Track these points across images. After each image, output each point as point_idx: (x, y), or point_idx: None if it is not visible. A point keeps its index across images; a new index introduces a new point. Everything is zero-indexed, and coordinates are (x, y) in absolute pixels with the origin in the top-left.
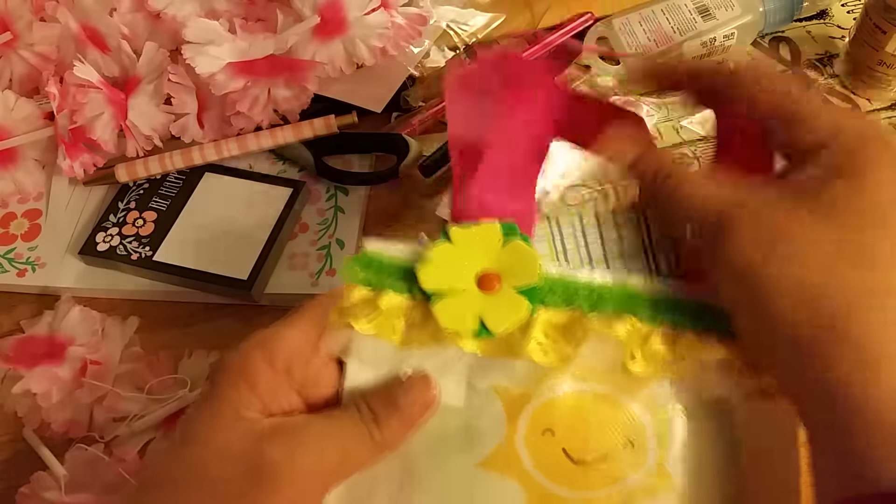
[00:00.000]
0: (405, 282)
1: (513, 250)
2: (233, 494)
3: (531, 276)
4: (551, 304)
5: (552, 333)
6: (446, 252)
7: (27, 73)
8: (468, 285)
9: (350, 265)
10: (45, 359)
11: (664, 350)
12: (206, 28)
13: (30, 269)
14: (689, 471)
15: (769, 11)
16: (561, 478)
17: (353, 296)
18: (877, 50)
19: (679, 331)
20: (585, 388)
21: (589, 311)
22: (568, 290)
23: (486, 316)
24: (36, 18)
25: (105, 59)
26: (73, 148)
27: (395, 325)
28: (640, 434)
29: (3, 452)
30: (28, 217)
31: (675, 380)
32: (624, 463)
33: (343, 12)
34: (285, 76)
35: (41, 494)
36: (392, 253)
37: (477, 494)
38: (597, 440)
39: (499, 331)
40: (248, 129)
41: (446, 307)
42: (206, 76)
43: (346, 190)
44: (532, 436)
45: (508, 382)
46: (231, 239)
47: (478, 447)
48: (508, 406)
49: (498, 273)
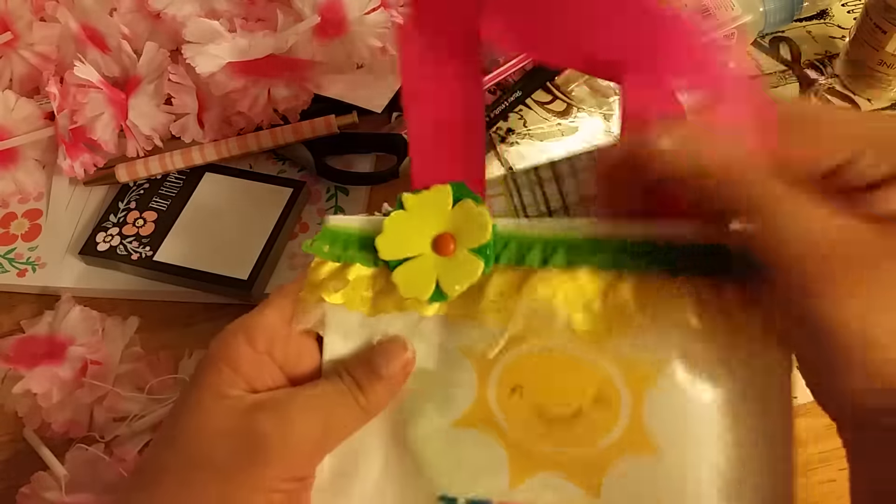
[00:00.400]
0: (369, 253)
1: (463, 210)
2: (228, 471)
3: (483, 235)
4: (506, 260)
5: (507, 291)
6: (401, 220)
7: (27, 73)
8: (425, 250)
9: (315, 241)
10: (45, 359)
11: (630, 300)
12: (206, 28)
13: (30, 269)
14: (670, 432)
15: (769, 11)
16: (535, 434)
17: (321, 271)
18: (877, 50)
19: (650, 277)
20: (549, 345)
21: (540, 265)
22: (521, 245)
23: (441, 279)
24: (36, 18)
25: (105, 59)
26: (74, 148)
27: (363, 295)
28: (610, 390)
29: (3, 452)
30: (28, 217)
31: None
32: (596, 420)
33: (343, 12)
34: (285, 76)
35: (41, 494)
36: (354, 225)
37: (459, 452)
38: (564, 397)
39: (452, 293)
40: (248, 129)
41: (405, 273)
42: (206, 76)
43: (346, 190)
44: (502, 394)
45: (474, 343)
46: (231, 239)
47: (452, 408)
48: (478, 366)
49: (452, 234)
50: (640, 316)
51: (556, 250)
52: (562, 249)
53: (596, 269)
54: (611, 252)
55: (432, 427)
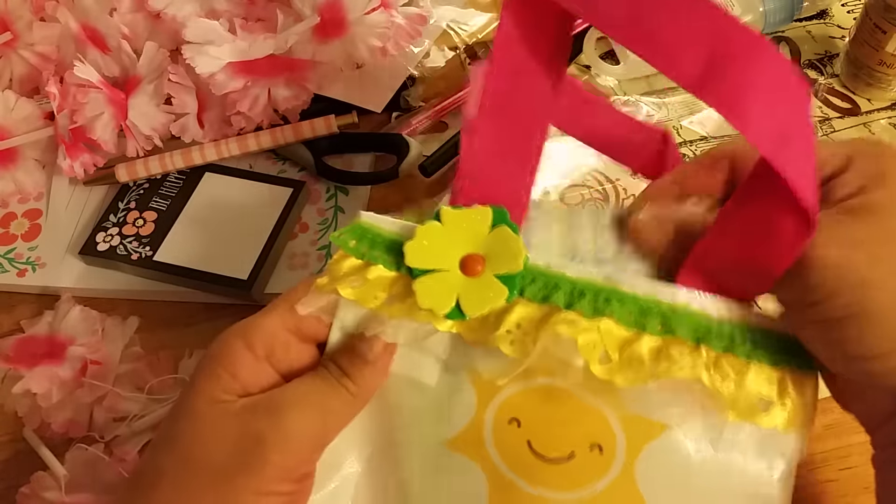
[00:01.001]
0: (394, 257)
1: (499, 236)
2: (225, 474)
3: (514, 264)
4: (530, 296)
5: (524, 325)
6: (435, 231)
7: (27, 73)
8: (451, 266)
9: (343, 235)
10: (45, 359)
11: (646, 357)
12: (206, 28)
13: (30, 269)
14: (661, 492)
15: (769, 11)
16: (522, 470)
17: (343, 265)
18: (877, 50)
19: (671, 340)
20: (559, 385)
21: (565, 307)
22: (548, 283)
23: (463, 298)
24: (36, 18)
25: (105, 59)
26: (74, 148)
27: (377, 295)
28: (608, 440)
29: (3, 452)
30: (28, 217)
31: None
32: (588, 467)
33: (343, 12)
34: (285, 76)
35: (41, 494)
36: (385, 227)
37: (443, 473)
38: (562, 438)
39: (472, 314)
40: (249, 129)
41: (426, 284)
42: (206, 76)
43: (346, 190)
44: (499, 424)
45: (481, 368)
46: (231, 239)
47: (447, 426)
48: (480, 391)
49: (482, 257)
50: (653, 376)
51: (583, 295)
52: (589, 295)
53: (619, 322)
54: (637, 309)
55: (425, 443)
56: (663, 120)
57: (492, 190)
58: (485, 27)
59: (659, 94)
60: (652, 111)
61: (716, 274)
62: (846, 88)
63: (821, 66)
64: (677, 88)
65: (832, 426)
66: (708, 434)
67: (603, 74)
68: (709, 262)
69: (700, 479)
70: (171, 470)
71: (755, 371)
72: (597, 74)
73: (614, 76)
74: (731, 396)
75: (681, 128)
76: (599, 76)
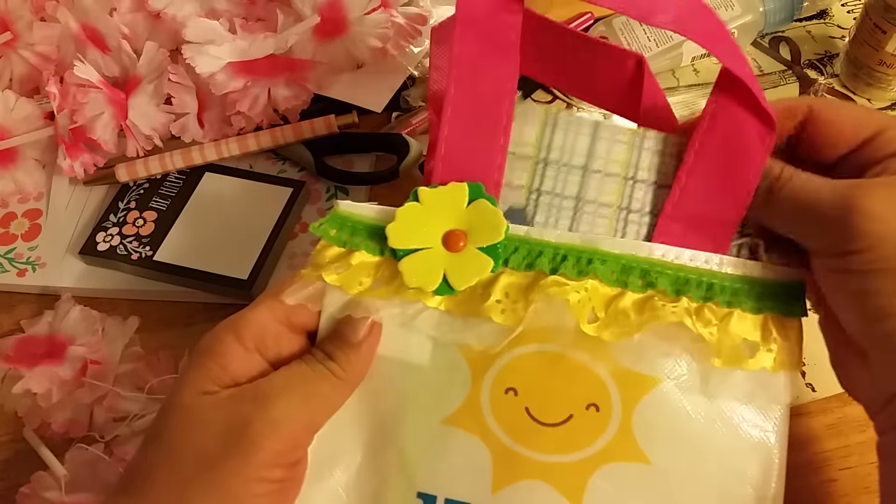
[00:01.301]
0: (376, 242)
1: (477, 209)
2: (215, 461)
3: (495, 235)
4: (514, 265)
5: (512, 293)
6: (414, 212)
7: (27, 73)
8: (434, 244)
9: (323, 224)
10: (45, 359)
11: (630, 311)
12: (206, 28)
13: (30, 269)
14: (660, 443)
15: (769, 11)
16: (523, 437)
17: (326, 254)
18: (877, 50)
19: (653, 293)
20: (550, 349)
21: (550, 272)
22: (532, 251)
23: (450, 273)
24: (36, 18)
25: (105, 58)
26: (74, 148)
27: (362, 280)
28: (603, 398)
29: (3, 452)
30: (28, 217)
31: (644, 344)
32: (587, 427)
33: (343, 12)
34: (285, 76)
35: (41, 494)
36: (365, 213)
37: (443, 450)
38: (559, 401)
39: (460, 288)
40: (249, 128)
41: (412, 263)
42: (206, 76)
43: (346, 190)
44: (496, 395)
45: (473, 341)
46: (231, 239)
47: (443, 404)
48: (473, 364)
49: (464, 232)
50: (639, 328)
51: (566, 259)
52: (571, 258)
53: (603, 281)
54: (619, 267)
55: (421, 422)
56: None
57: (465, 168)
58: None
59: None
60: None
61: (692, 216)
62: (846, 88)
63: (821, 66)
64: (677, 88)
65: (832, 426)
66: (699, 383)
67: None
68: (685, 204)
69: (697, 429)
70: (161, 462)
71: (737, 317)
72: None
73: None
74: (715, 342)
75: None
76: None
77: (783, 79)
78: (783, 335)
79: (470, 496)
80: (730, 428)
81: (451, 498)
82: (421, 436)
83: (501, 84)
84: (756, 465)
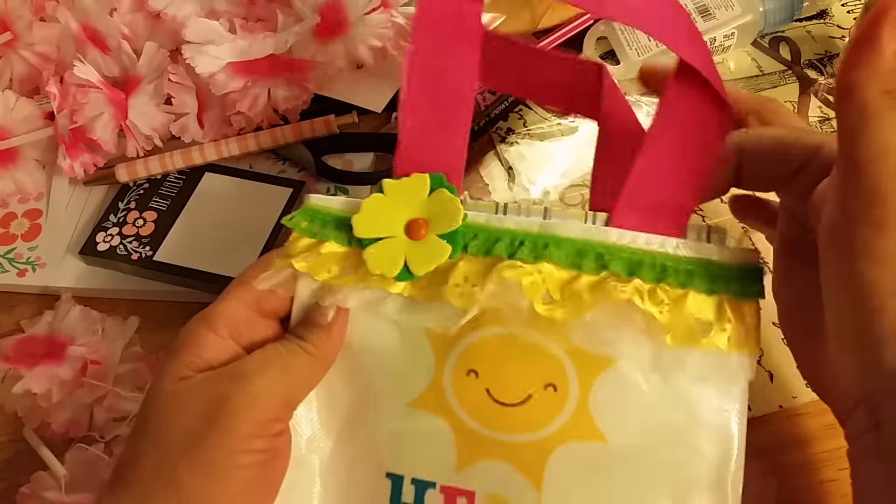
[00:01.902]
0: (344, 233)
1: (438, 198)
2: (196, 438)
3: (453, 222)
4: (474, 251)
5: (471, 278)
6: (379, 203)
7: (27, 73)
8: (397, 232)
9: (295, 217)
10: (45, 359)
11: (584, 293)
12: (206, 28)
13: (30, 269)
14: (617, 421)
15: (769, 11)
16: (484, 418)
17: (298, 245)
18: None
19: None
20: (508, 331)
21: (508, 257)
22: (490, 237)
23: (410, 259)
24: (36, 18)
25: (105, 59)
26: (74, 148)
27: (330, 269)
28: (560, 378)
29: (3, 452)
30: (28, 217)
31: (598, 324)
32: (545, 407)
33: (343, 12)
34: (285, 76)
35: (41, 494)
36: (334, 206)
37: (410, 432)
38: (517, 382)
39: (419, 273)
40: (248, 128)
41: (375, 251)
42: (206, 76)
43: (346, 190)
44: (458, 377)
45: (435, 325)
46: (231, 239)
47: (410, 387)
48: (436, 348)
49: (426, 220)
50: (591, 307)
51: (522, 244)
52: (528, 243)
53: (558, 265)
54: (574, 251)
55: (388, 406)
56: None
57: (428, 159)
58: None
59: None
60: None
61: (649, 202)
62: None
63: (821, 66)
64: None
65: (832, 426)
66: (653, 363)
67: None
68: (642, 190)
69: (653, 408)
70: (146, 450)
71: (691, 298)
72: None
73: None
74: (666, 321)
75: None
76: None
77: (783, 79)
78: (738, 317)
79: (434, 475)
80: (686, 407)
81: (417, 477)
82: (389, 418)
83: (461, 73)
84: (714, 444)
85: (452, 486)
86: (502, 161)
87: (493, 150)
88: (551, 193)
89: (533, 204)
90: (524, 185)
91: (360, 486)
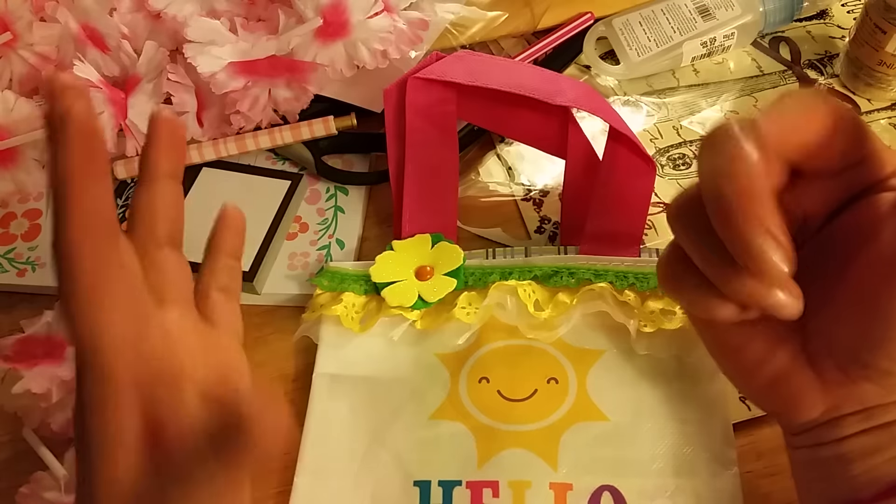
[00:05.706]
0: (360, 284)
1: (441, 248)
2: None
3: (456, 262)
4: (472, 283)
5: (473, 302)
6: (390, 257)
7: (27, 73)
8: (409, 276)
9: (318, 277)
10: (44, 359)
11: (566, 298)
12: (208, 28)
13: (30, 269)
14: (613, 402)
15: (769, 11)
16: (498, 414)
17: (321, 298)
18: (877, 50)
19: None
20: (510, 342)
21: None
22: (484, 273)
23: (423, 292)
24: (36, 18)
25: (105, 58)
26: None
27: (353, 316)
28: (560, 372)
29: (2, 452)
30: (28, 217)
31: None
32: (550, 397)
33: (346, 15)
34: (286, 77)
35: (41, 494)
36: (349, 267)
37: (433, 440)
38: (524, 380)
39: (432, 301)
40: (248, 128)
41: (391, 291)
42: (207, 76)
43: (346, 190)
44: (471, 385)
45: (444, 348)
46: None
47: (429, 403)
48: (449, 366)
49: (431, 266)
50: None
51: (511, 273)
52: (515, 272)
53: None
54: (552, 271)
55: (411, 421)
56: (663, 119)
57: (426, 223)
58: (485, 27)
59: (659, 94)
60: (652, 111)
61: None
62: (846, 88)
63: (821, 66)
64: (677, 88)
65: None
66: (633, 347)
67: (603, 74)
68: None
69: (641, 385)
70: None
71: (651, 295)
72: (596, 74)
73: (614, 76)
74: (637, 313)
75: (681, 128)
76: (599, 76)
77: (783, 79)
78: None
79: (460, 473)
80: (668, 379)
81: (443, 479)
82: (413, 434)
83: (446, 158)
84: (697, 409)
85: (477, 481)
86: (502, 161)
87: (492, 150)
88: (550, 193)
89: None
90: (524, 185)
91: (390, 501)
